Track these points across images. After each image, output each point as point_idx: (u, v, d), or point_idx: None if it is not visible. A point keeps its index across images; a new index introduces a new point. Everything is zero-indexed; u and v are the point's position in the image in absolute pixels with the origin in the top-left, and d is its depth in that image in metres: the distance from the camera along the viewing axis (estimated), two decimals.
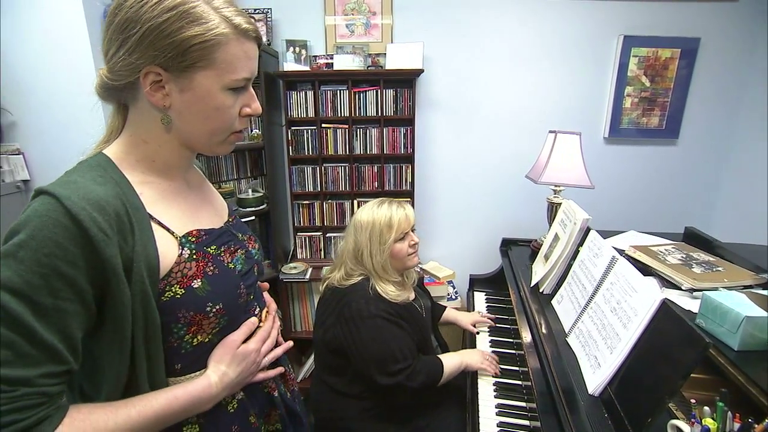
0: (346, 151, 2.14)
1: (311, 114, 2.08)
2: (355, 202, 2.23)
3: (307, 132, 2.11)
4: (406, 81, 2.04)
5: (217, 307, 0.62)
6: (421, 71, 1.99)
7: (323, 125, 2.10)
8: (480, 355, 1.41)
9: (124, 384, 0.57)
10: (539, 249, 1.68)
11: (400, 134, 2.12)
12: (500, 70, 2.17)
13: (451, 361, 1.34)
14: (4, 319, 0.46)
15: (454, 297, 2.31)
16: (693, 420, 0.70)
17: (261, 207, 2.03)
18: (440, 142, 2.29)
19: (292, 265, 2.18)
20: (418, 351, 1.33)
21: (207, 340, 0.64)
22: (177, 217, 0.62)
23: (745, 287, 1.19)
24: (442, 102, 2.22)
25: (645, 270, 1.39)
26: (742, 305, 1.03)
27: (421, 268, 2.34)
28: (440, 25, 2.10)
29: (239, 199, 2.02)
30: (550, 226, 1.72)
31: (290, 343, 0.82)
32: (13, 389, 0.46)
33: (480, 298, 1.97)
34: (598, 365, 1.02)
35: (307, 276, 2.09)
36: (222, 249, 0.67)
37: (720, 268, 1.29)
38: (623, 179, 2.28)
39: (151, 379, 0.59)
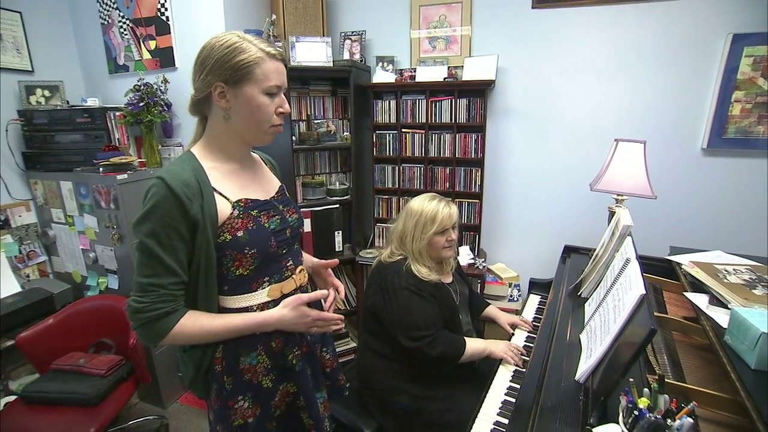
0: (422, 154, 2.39)
1: (393, 120, 2.39)
2: None
3: (389, 135, 2.43)
4: (478, 91, 2.20)
5: (253, 251, 0.93)
6: (491, 82, 2.13)
7: (403, 130, 2.39)
8: (506, 345, 1.52)
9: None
10: None
11: (472, 140, 2.28)
12: (580, 80, 2.16)
13: (476, 345, 1.49)
14: (146, 252, 0.84)
15: (516, 299, 2.36)
16: (626, 394, 0.78)
17: (345, 197, 2.42)
18: (513, 149, 2.37)
19: (369, 250, 2.52)
20: (445, 327, 1.51)
21: (246, 273, 0.93)
22: (232, 189, 0.95)
23: None
24: (516, 110, 2.31)
25: (699, 286, 1.34)
26: (761, 321, 0.98)
27: (487, 269, 2.45)
28: (518, 37, 2.20)
29: (328, 189, 2.44)
30: None
31: (338, 327, 1.06)
32: (156, 290, 0.84)
33: (534, 300, 2.01)
34: (589, 356, 1.10)
35: None
36: (262, 213, 0.97)
37: None
38: (722, 194, 2.04)
39: (206, 296, 0.91)
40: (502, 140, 2.38)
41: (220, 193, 0.91)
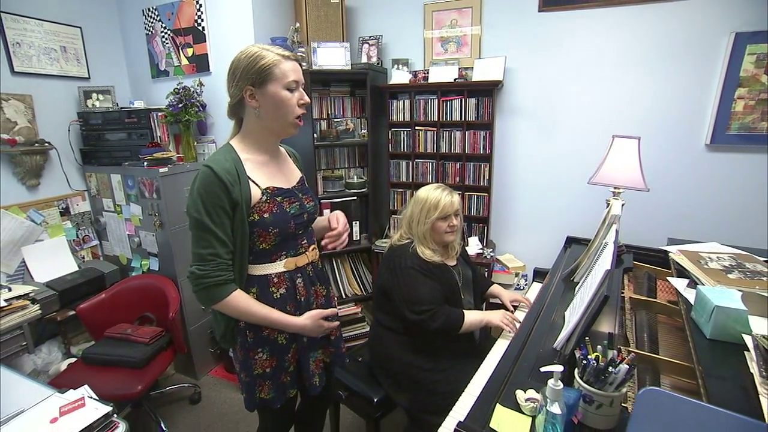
0: (434, 150, 2.54)
1: (407, 118, 2.56)
2: None
3: (404, 133, 2.59)
4: (486, 90, 2.33)
5: (275, 230, 1.12)
6: (499, 82, 2.26)
7: (416, 128, 2.55)
8: (502, 314, 1.65)
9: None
10: None
11: (480, 137, 2.41)
12: (585, 79, 2.26)
13: (474, 316, 1.63)
14: (202, 227, 1.04)
15: (522, 288, 2.48)
16: (581, 349, 0.92)
17: (362, 190, 2.61)
18: (520, 146, 2.49)
19: (384, 239, 2.70)
20: (447, 304, 1.66)
21: (268, 247, 1.13)
22: (263, 178, 1.14)
23: None
24: (523, 109, 2.43)
25: (684, 273, 1.44)
26: (723, 298, 1.10)
27: (495, 258, 2.58)
28: (525, 39, 2.32)
29: (347, 182, 2.63)
30: None
31: (335, 325, 1.29)
32: (215, 260, 1.04)
33: (536, 288, 2.13)
34: (565, 327, 1.23)
35: None
36: (285, 199, 1.16)
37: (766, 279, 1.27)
38: (725, 189, 2.09)
39: (240, 262, 1.12)
40: (510, 137, 2.50)
41: (253, 181, 1.10)
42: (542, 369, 0.89)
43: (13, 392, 1.24)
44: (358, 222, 2.67)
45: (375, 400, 1.67)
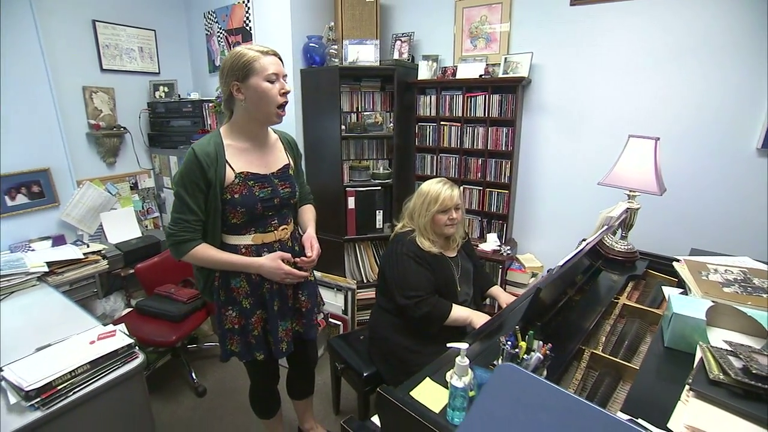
0: (458, 145, 2.58)
1: (434, 113, 2.62)
2: (462, 188, 2.65)
3: (430, 127, 2.66)
4: (511, 87, 2.32)
5: (243, 209, 1.28)
6: (522, 78, 2.23)
7: (441, 123, 2.60)
8: (486, 318, 1.69)
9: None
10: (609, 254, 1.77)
11: (503, 133, 2.41)
12: (617, 76, 2.16)
13: (461, 312, 1.69)
14: (178, 197, 1.24)
15: None
16: (508, 338, 0.98)
17: (387, 181, 2.73)
18: (547, 144, 2.44)
19: None
20: (440, 294, 1.73)
21: (238, 222, 1.30)
22: (239, 163, 1.28)
23: None
24: (551, 106, 2.37)
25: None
26: (687, 307, 1.06)
27: (514, 257, 2.57)
28: (556, 34, 2.26)
29: (373, 173, 2.77)
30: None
31: (300, 274, 1.40)
32: (183, 223, 1.24)
33: None
34: None
35: None
36: (256, 184, 1.30)
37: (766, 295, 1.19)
38: None
39: (213, 231, 1.30)
40: (536, 135, 2.45)
41: (230, 165, 1.28)
42: (448, 345, 0.96)
43: (80, 325, 1.58)
44: (381, 211, 2.80)
45: (364, 374, 1.81)
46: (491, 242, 2.52)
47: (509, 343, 0.95)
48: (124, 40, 2.74)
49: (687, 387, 0.86)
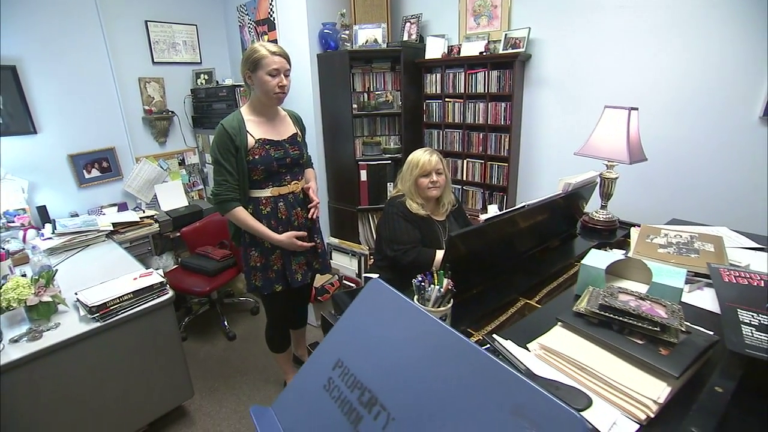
0: (461, 120, 2.72)
1: (439, 90, 2.76)
2: (465, 161, 2.79)
3: (435, 104, 2.81)
4: (508, 63, 2.40)
5: (262, 167, 1.60)
6: (518, 54, 2.31)
7: (446, 99, 2.74)
8: None
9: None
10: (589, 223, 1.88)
11: (501, 108, 2.50)
12: (618, 48, 2.16)
13: (443, 255, 1.88)
14: (217, 163, 1.58)
15: None
16: (427, 275, 1.18)
17: (397, 155, 2.94)
18: (548, 118, 2.49)
19: None
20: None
21: (258, 178, 1.63)
22: (258, 132, 1.62)
23: (697, 275, 1.21)
24: (551, 80, 2.42)
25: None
26: (596, 260, 1.19)
27: None
28: (556, 5, 2.28)
29: (384, 148, 2.99)
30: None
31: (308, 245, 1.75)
32: (225, 184, 1.58)
33: None
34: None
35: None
36: (272, 147, 1.63)
37: (695, 256, 1.29)
38: None
39: (243, 187, 1.63)
40: (537, 109, 2.52)
41: (250, 134, 1.60)
42: (363, 274, 1.19)
43: (135, 272, 2.02)
44: (392, 183, 3.01)
45: None
46: (492, 212, 2.65)
47: (427, 280, 1.16)
48: (171, 36, 3.16)
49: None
